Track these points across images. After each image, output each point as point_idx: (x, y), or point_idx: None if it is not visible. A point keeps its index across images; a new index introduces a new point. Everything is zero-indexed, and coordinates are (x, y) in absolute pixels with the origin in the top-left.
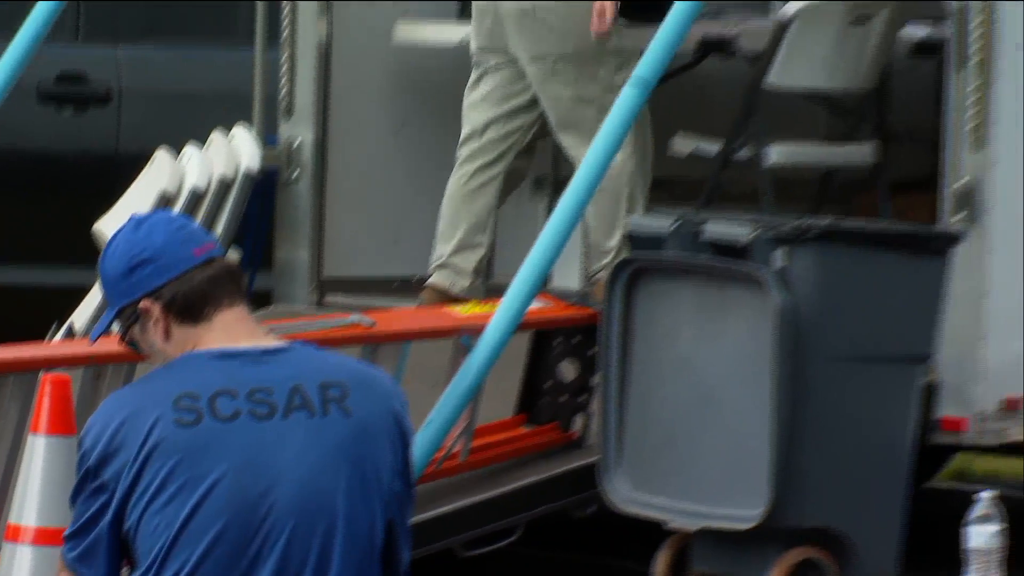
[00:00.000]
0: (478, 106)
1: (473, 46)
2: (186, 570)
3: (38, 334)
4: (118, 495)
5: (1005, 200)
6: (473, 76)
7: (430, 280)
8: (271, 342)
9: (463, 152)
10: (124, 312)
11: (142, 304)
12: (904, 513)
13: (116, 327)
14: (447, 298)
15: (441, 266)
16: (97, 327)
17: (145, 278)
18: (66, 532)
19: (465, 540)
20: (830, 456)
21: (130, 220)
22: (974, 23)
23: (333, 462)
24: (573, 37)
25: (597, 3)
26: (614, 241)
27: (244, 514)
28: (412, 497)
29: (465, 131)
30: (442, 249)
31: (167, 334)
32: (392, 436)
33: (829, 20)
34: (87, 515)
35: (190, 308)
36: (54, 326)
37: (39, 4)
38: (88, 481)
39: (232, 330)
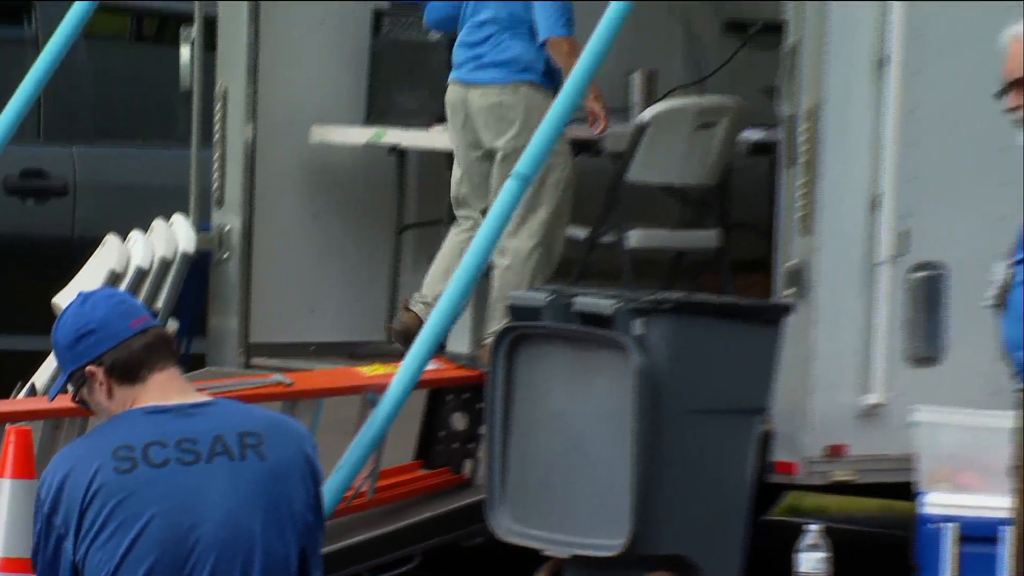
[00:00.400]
0: (461, 181)
1: (450, 135)
2: None
3: (4, 392)
4: (70, 534)
5: (828, 279)
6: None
7: (413, 308)
8: (198, 398)
9: (459, 215)
10: (74, 375)
11: (88, 369)
12: (744, 542)
13: (69, 387)
14: (419, 326)
15: (425, 303)
16: (54, 387)
17: (90, 347)
18: (34, 566)
19: (372, 567)
20: (682, 494)
21: (78, 297)
22: (802, 128)
23: (251, 500)
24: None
25: (591, 109)
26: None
27: (174, 548)
28: (323, 528)
29: (455, 197)
30: (429, 291)
31: (110, 394)
32: (304, 474)
33: (680, 125)
34: (48, 554)
35: (128, 372)
36: (18, 385)
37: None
38: (45, 524)
39: (165, 389)
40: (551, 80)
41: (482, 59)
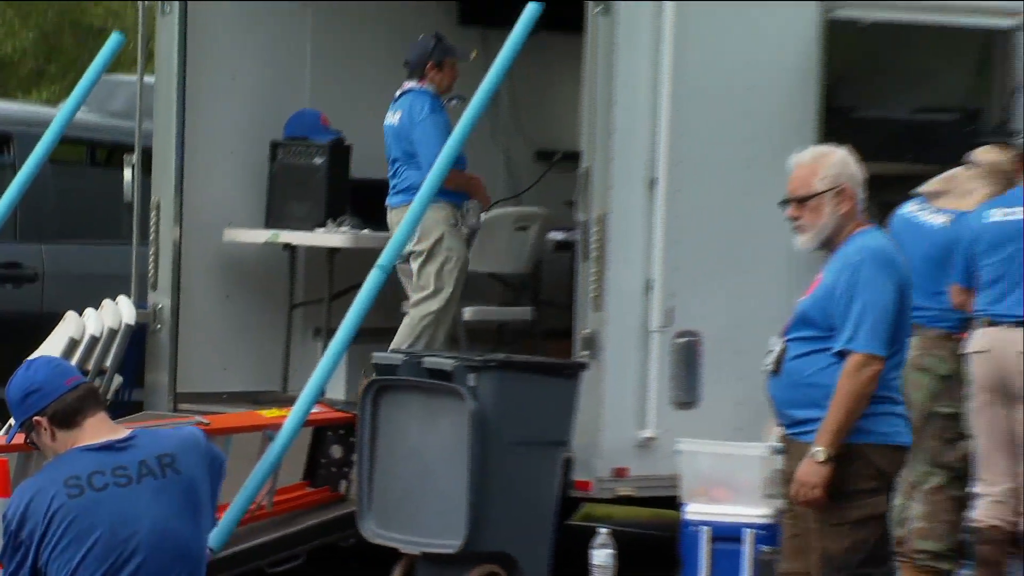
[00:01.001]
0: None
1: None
2: None
3: None
4: (32, 548)
5: (614, 343)
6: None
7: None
8: (123, 434)
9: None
10: (24, 424)
11: (34, 419)
12: (551, 541)
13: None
14: None
15: None
16: (10, 433)
17: (34, 402)
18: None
19: (270, 562)
20: (504, 505)
21: (23, 364)
22: (593, 231)
23: (173, 507)
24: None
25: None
26: None
27: (119, 551)
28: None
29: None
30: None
31: (53, 437)
32: (210, 478)
33: (502, 228)
34: (14, 563)
35: (66, 419)
36: (5, 426)
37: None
38: (11, 540)
39: (97, 430)
40: (446, 195)
41: (395, 188)
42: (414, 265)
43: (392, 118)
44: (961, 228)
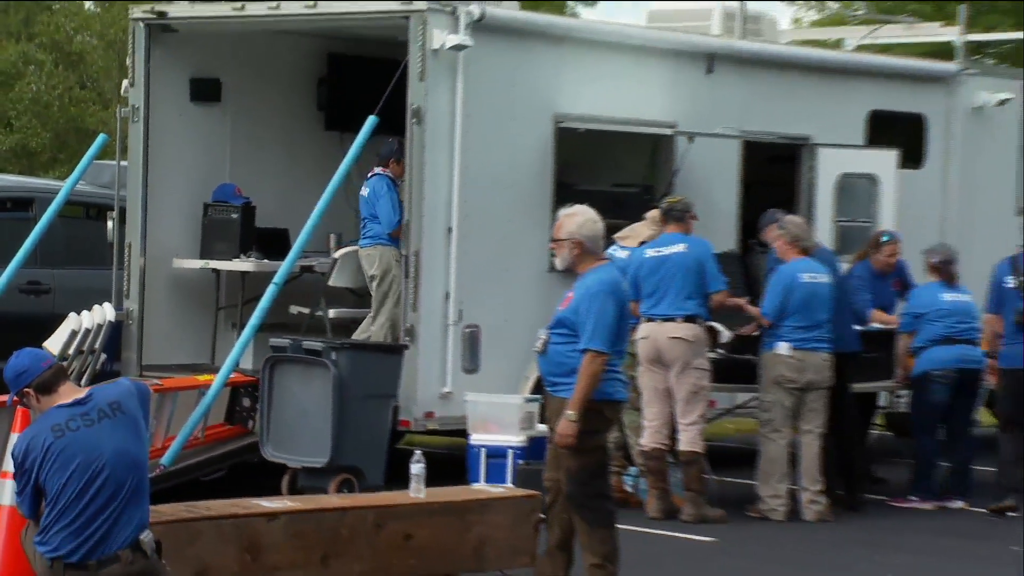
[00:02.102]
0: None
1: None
2: (66, 496)
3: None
4: (34, 473)
5: (426, 333)
6: None
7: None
8: (84, 393)
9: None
10: (18, 394)
11: (24, 390)
12: (386, 459)
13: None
14: None
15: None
16: (8, 399)
17: (24, 379)
18: (16, 492)
19: (204, 474)
20: (355, 435)
21: (13, 355)
22: (412, 261)
23: (124, 435)
24: (382, 266)
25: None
26: None
27: (92, 469)
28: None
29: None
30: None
31: (38, 401)
32: (143, 408)
33: (351, 259)
34: (21, 483)
35: (46, 388)
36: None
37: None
38: (19, 468)
39: (67, 394)
40: (394, 242)
41: (364, 235)
42: (372, 285)
43: (364, 191)
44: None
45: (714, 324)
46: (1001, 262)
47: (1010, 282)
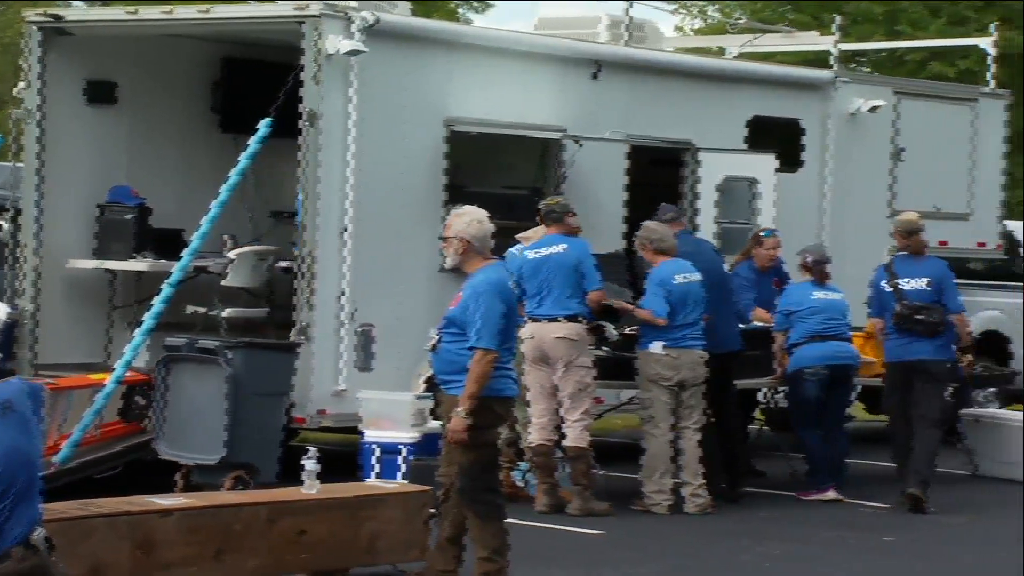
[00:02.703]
0: None
1: None
2: None
3: None
4: None
5: (320, 331)
6: None
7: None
8: None
9: None
10: None
11: None
12: (279, 455)
13: None
14: None
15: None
16: None
17: None
18: None
19: (99, 471)
20: (248, 432)
21: None
22: (307, 261)
23: (16, 433)
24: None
25: None
26: None
27: None
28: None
29: None
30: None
31: None
32: (35, 407)
33: (249, 258)
34: None
35: None
36: None
37: None
38: None
39: None
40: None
41: None
42: None
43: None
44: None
45: (601, 323)
46: (879, 267)
47: (886, 286)
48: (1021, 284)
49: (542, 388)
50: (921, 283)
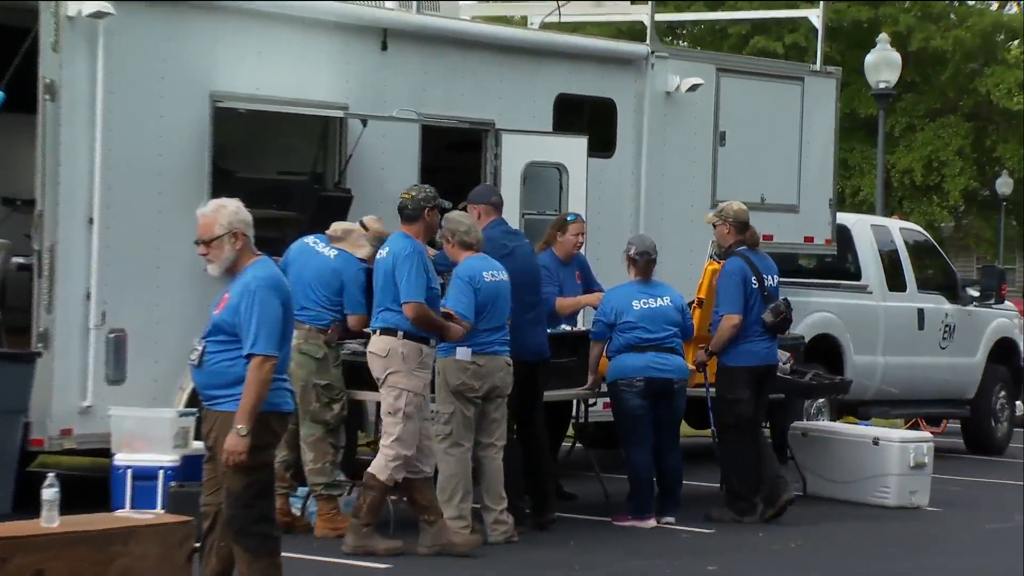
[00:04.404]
0: None
1: None
2: None
3: None
4: None
5: (62, 337)
6: None
7: None
8: None
9: None
10: None
11: None
12: (13, 483)
13: None
14: None
15: None
16: None
17: None
18: None
19: None
20: None
21: None
22: (46, 256)
23: None
24: None
25: None
26: None
27: None
28: None
29: None
30: None
31: None
32: None
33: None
34: None
35: None
36: None
37: None
38: None
39: None
40: None
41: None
42: None
43: None
44: (347, 265)
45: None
46: (734, 261)
47: (754, 283)
48: (854, 283)
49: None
50: (775, 280)
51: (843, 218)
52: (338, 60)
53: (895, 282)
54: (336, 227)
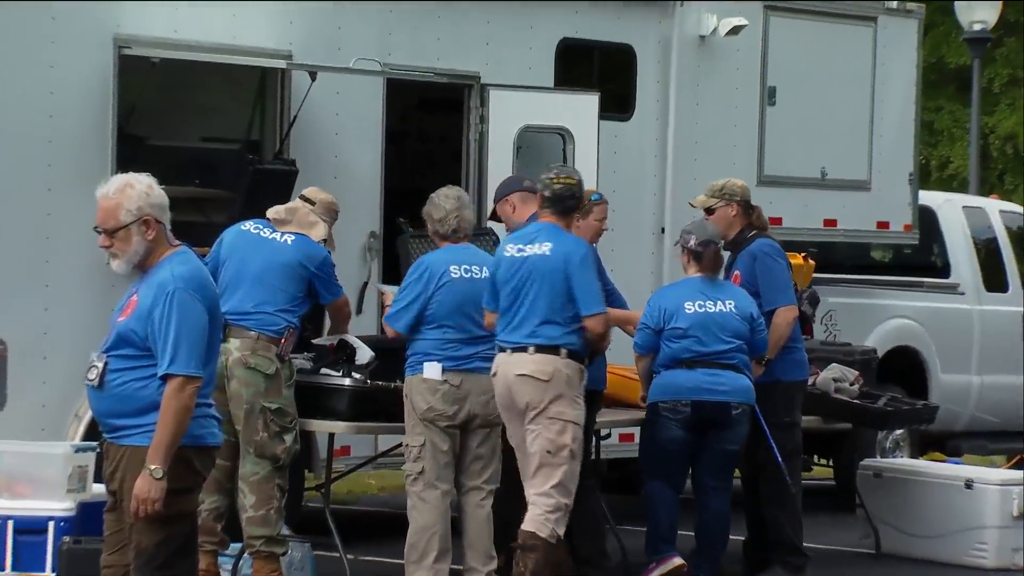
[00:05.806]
0: None
1: None
2: None
3: None
4: None
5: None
6: None
7: None
8: None
9: None
10: None
11: None
12: None
13: None
14: None
15: None
16: None
17: None
18: None
19: None
20: None
21: None
22: None
23: None
24: None
25: None
26: None
27: None
28: None
29: None
30: None
31: None
32: None
33: None
34: None
35: None
36: None
37: None
38: None
39: None
40: None
41: None
42: None
43: None
44: (310, 250)
45: (347, 338)
46: (766, 241)
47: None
48: (941, 282)
49: None
50: None
51: (926, 198)
52: None
53: (994, 280)
54: (277, 209)
